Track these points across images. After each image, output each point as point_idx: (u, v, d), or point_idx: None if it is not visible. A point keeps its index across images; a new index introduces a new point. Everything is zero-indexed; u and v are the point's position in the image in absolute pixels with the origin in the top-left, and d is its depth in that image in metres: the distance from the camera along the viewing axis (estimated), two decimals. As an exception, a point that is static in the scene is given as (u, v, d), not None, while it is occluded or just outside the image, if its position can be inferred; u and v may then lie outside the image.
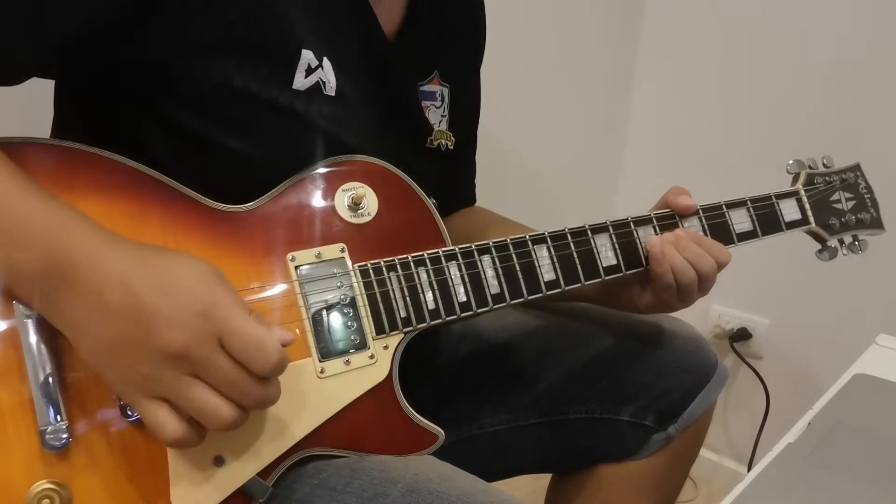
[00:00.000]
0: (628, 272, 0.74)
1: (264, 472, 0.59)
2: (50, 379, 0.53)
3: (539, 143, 1.52)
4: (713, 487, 1.65)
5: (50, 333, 0.53)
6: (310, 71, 0.64)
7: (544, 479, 0.98)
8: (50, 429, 0.53)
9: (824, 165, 0.85)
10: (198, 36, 0.59)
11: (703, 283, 0.73)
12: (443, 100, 0.81)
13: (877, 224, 0.86)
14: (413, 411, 0.65)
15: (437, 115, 0.80)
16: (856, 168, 0.87)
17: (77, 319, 0.50)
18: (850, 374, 0.74)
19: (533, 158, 1.51)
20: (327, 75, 0.65)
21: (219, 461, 0.57)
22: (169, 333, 0.49)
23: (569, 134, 1.58)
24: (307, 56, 0.64)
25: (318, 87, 0.65)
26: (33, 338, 0.53)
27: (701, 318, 1.66)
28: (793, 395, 1.54)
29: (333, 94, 0.66)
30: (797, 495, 0.56)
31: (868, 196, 0.86)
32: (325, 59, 0.65)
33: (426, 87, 0.79)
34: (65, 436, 0.53)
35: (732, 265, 0.74)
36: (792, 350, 1.56)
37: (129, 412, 0.55)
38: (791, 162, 0.84)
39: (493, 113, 0.94)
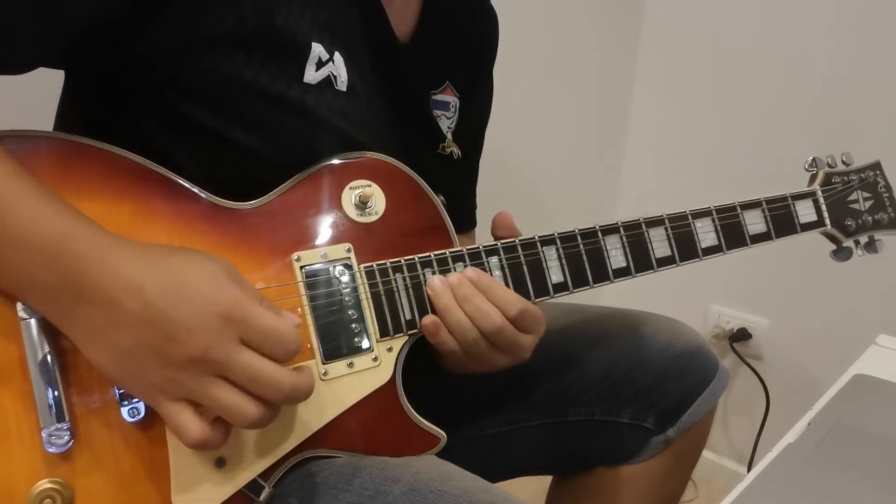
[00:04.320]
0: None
1: (265, 473, 0.59)
2: (52, 380, 0.53)
3: (539, 147, 1.52)
4: (713, 487, 1.65)
5: (52, 334, 0.53)
6: (320, 64, 0.64)
7: (545, 481, 0.98)
8: (52, 429, 0.53)
9: (843, 163, 0.83)
10: (208, 29, 0.59)
11: (496, 341, 0.65)
12: (455, 111, 0.81)
13: (894, 224, 0.84)
14: (415, 414, 0.65)
15: (444, 126, 0.80)
16: (876, 166, 0.85)
17: (91, 328, 0.50)
18: (850, 374, 0.74)
19: (533, 162, 1.51)
20: (339, 69, 0.65)
21: (220, 462, 0.57)
22: (190, 338, 0.49)
23: (569, 138, 1.58)
24: (317, 49, 0.63)
25: (329, 81, 0.65)
26: (36, 338, 0.52)
27: (701, 318, 1.66)
28: (793, 395, 1.54)
29: (345, 89, 0.66)
30: (797, 495, 0.56)
31: (887, 195, 0.84)
32: (336, 53, 0.65)
33: (439, 97, 0.79)
34: (66, 436, 0.53)
35: (732, 265, 0.73)
36: (792, 350, 1.56)
37: (132, 413, 0.55)
38: (810, 160, 0.82)
39: (492, 115, 0.94)
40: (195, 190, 0.61)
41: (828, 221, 0.80)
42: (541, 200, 1.54)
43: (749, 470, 1.55)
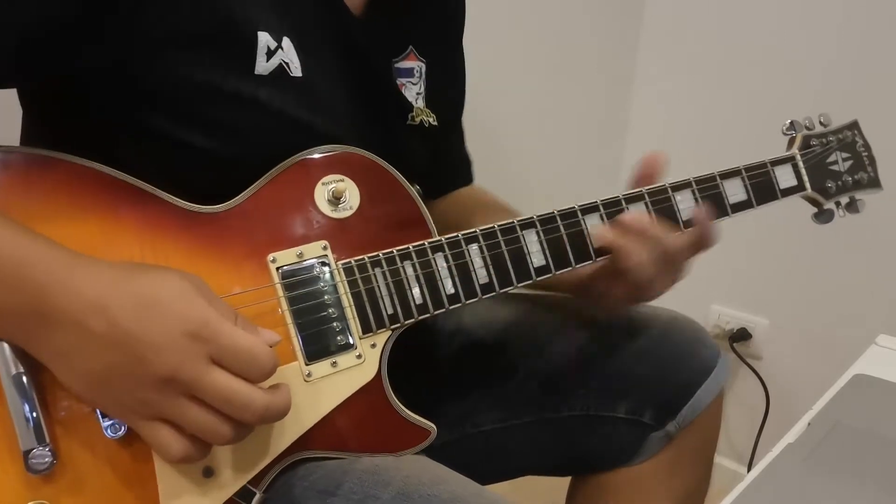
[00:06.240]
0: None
1: (254, 480, 0.58)
2: (28, 400, 0.52)
3: (539, 147, 1.51)
4: (713, 488, 1.64)
5: (26, 354, 0.51)
6: (270, 53, 0.62)
7: (545, 481, 0.96)
8: (33, 452, 0.51)
9: (821, 124, 0.82)
10: (152, 31, 0.57)
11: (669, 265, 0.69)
12: (420, 76, 0.78)
13: (874, 183, 0.83)
14: (403, 408, 0.64)
15: (412, 93, 0.77)
16: (853, 126, 0.84)
17: (61, 353, 0.49)
18: (850, 374, 0.73)
19: (532, 162, 1.51)
20: (289, 56, 0.63)
21: (208, 472, 0.56)
22: (158, 358, 0.48)
23: (569, 138, 1.58)
24: (264, 38, 0.61)
25: (282, 70, 0.62)
26: (9, 359, 0.51)
27: (701, 318, 1.64)
28: (793, 395, 1.54)
29: (300, 74, 0.64)
30: (797, 495, 0.55)
31: (866, 154, 0.83)
32: (284, 38, 0.63)
33: (402, 64, 0.76)
34: (48, 458, 0.52)
35: (732, 265, 0.72)
36: (792, 350, 1.55)
37: (113, 430, 0.54)
38: (787, 122, 0.81)
39: (492, 115, 0.92)
40: (164, 196, 0.59)
41: (808, 185, 0.79)
42: (541, 200, 1.53)
43: (749, 470, 1.54)
